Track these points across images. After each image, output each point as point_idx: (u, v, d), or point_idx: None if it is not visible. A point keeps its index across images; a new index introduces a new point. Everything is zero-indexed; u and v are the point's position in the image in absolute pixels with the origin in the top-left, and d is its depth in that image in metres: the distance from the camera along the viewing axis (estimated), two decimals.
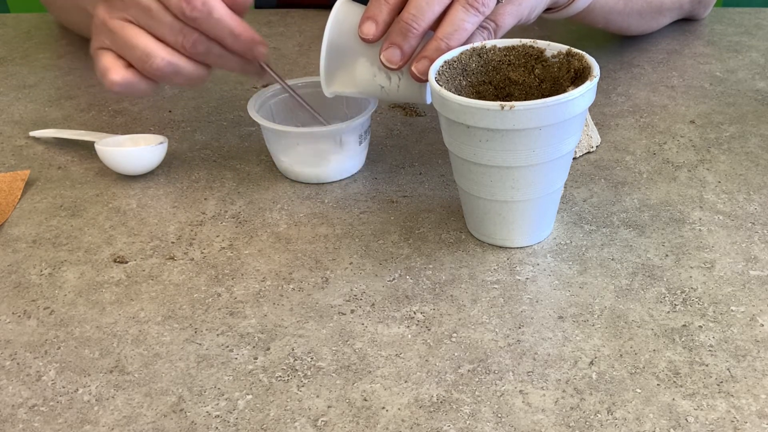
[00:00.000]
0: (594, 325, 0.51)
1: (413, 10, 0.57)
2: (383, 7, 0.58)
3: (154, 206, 0.65)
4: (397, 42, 0.58)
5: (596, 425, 0.44)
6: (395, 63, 0.59)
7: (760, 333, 0.50)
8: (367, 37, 0.59)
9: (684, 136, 0.71)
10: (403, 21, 0.57)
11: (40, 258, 0.59)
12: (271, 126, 0.64)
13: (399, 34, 0.58)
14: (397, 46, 0.58)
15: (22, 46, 0.97)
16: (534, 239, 0.58)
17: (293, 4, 1.06)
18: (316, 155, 0.65)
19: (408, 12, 0.57)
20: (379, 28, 0.59)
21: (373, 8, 0.59)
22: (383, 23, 0.59)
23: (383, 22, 0.59)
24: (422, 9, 0.57)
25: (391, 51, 0.58)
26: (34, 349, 0.51)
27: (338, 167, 0.66)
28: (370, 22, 0.59)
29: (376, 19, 0.58)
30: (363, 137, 0.66)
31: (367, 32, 0.59)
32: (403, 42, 0.58)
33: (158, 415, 0.46)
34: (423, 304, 0.53)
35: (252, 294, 0.55)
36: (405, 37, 0.58)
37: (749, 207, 0.61)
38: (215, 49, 0.61)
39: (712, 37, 0.91)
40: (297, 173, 0.66)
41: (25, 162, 0.72)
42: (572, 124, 0.53)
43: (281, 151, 0.66)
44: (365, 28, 0.59)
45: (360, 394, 0.47)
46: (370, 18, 0.59)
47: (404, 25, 0.57)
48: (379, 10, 0.58)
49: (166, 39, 0.60)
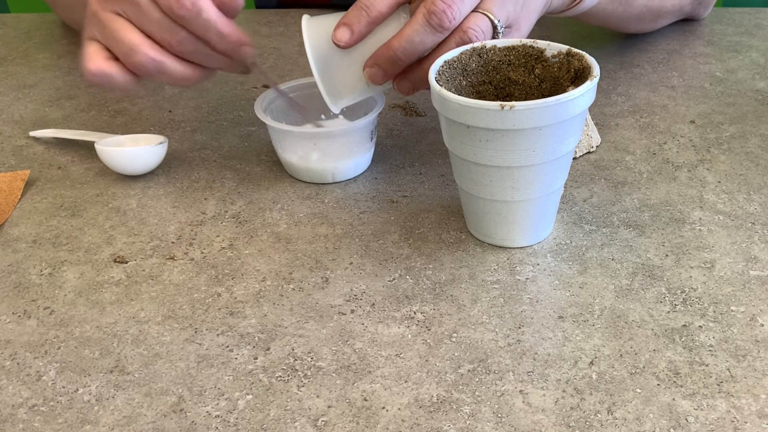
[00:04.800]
0: (594, 325, 0.51)
1: (405, 43, 0.58)
2: (362, 18, 0.59)
3: (154, 206, 0.65)
4: (383, 67, 0.59)
5: (596, 425, 0.44)
6: (377, 82, 0.60)
7: (760, 333, 0.50)
8: (339, 43, 0.59)
9: (684, 136, 0.71)
10: (392, 50, 0.58)
11: (40, 258, 0.59)
12: (292, 129, 0.64)
13: (387, 61, 0.59)
14: (382, 69, 0.60)
15: (22, 46, 0.97)
16: (534, 239, 0.58)
17: (293, 4, 1.06)
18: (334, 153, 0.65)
19: (399, 43, 0.58)
20: (353, 37, 0.59)
21: (351, 16, 0.59)
22: (358, 34, 0.59)
23: (359, 33, 0.59)
24: (413, 44, 0.58)
25: (375, 71, 0.60)
26: (34, 349, 0.51)
27: (354, 163, 0.66)
28: (346, 28, 0.59)
29: (352, 27, 0.59)
30: (374, 133, 0.67)
31: (340, 38, 0.59)
32: (389, 68, 0.59)
33: (158, 415, 0.46)
34: (423, 304, 0.53)
35: (252, 294, 0.55)
36: (392, 66, 0.59)
37: (749, 207, 0.61)
38: (202, 49, 0.61)
39: (712, 37, 0.91)
40: (312, 173, 0.66)
41: (25, 162, 0.72)
42: (572, 124, 0.53)
43: (294, 150, 0.65)
44: (339, 33, 0.59)
45: (360, 394, 0.47)
46: (346, 25, 0.59)
47: (392, 55, 0.58)
48: (358, 19, 0.59)
49: (153, 35, 0.60)
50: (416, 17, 0.58)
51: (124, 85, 0.62)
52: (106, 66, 0.61)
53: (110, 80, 0.62)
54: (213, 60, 0.63)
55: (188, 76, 0.62)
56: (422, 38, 0.58)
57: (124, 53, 0.60)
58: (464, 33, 0.58)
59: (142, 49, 0.60)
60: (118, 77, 0.61)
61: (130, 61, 0.60)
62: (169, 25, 0.60)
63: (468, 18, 0.58)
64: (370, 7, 0.58)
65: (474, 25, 0.58)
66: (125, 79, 0.62)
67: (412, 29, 0.58)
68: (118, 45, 0.60)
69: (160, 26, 0.60)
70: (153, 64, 0.60)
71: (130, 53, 0.60)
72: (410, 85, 0.61)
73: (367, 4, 0.58)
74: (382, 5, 0.58)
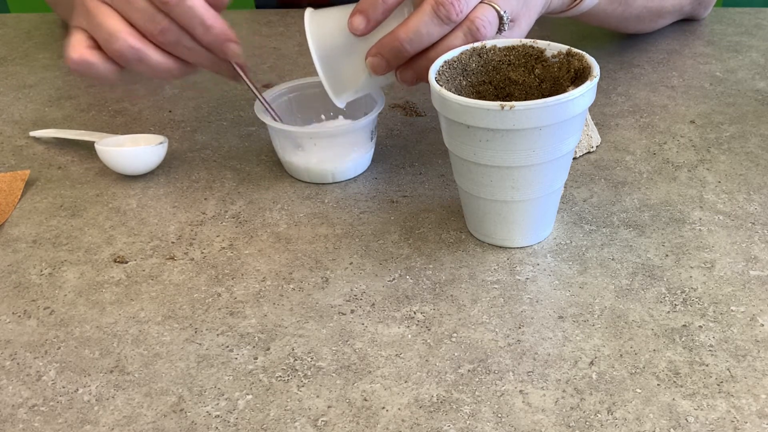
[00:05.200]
0: (594, 325, 0.51)
1: (411, 35, 0.57)
2: (378, 6, 0.58)
3: (154, 206, 0.65)
4: (387, 57, 0.59)
5: (596, 425, 0.44)
6: (379, 72, 0.60)
7: (760, 333, 0.50)
8: (356, 31, 0.59)
9: (684, 136, 0.71)
10: (398, 41, 0.58)
11: (40, 258, 0.59)
12: (292, 129, 0.64)
13: (392, 51, 0.58)
14: (385, 59, 0.59)
15: (22, 46, 0.97)
16: (534, 239, 0.58)
17: (293, 4, 1.06)
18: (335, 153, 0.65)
19: (406, 34, 0.57)
20: (369, 25, 0.59)
21: (366, 4, 0.58)
22: (375, 21, 0.59)
23: (375, 21, 0.59)
24: (420, 35, 0.57)
25: (378, 61, 0.59)
26: (34, 349, 0.51)
27: (354, 163, 0.66)
28: (361, 16, 0.58)
29: (368, 15, 0.58)
30: (374, 133, 0.67)
31: (357, 26, 0.59)
32: (393, 59, 0.59)
33: (158, 415, 0.46)
34: (423, 304, 0.53)
35: (252, 294, 0.55)
36: (396, 56, 0.59)
37: (749, 207, 0.61)
38: (186, 41, 0.61)
39: (712, 37, 0.91)
40: (312, 173, 0.66)
41: (25, 162, 0.72)
42: (572, 124, 0.53)
43: (295, 150, 0.65)
44: (356, 21, 0.59)
45: (360, 394, 0.47)
46: (362, 12, 0.58)
47: (398, 46, 0.58)
48: (374, 7, 0.58)
49: (137, 24, 0.60)
50: (423, 8, 0.57)
51: (105, 74, 0.62)
52: (88, 54, 0.61)
53: (92, 68, 0.61)
54: (196, 54, 0.62)
55: (168, 68, 0.62)
56: (429, 29, 0.57)
57: (105, 40, 0.60)
58: (471, 23, 0.58)
59: (122, 35, 0.59)
60: (100, 66, 0.61)
61: (110, 48, 0.60)
62: (153, 14, 0.59)
63: (475, 9, 0.58)
64: None
65: (481, 15, 0.58)
66: (106, 68, 0.61)
67: (419, 20, 0.57)
68: (99, 32, 0.60)
69: (143, 14, 0.59)
70: (132, 51, 0.60)
71: (110, 40, 0.60)
72: (414, 75, 0.60)
73: None
74: None
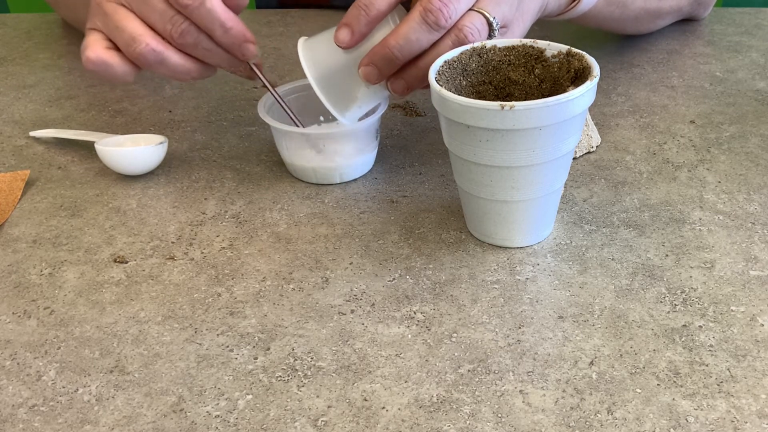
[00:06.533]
0: (594, 325, 0.51)
1: (401, 41, 0.58)
2: (362, 18, 0.59)
3: (154, 206, 0.65)
4: (379, 65, 0.59)
5: (596, 425, 0.44)
6: (372, 81, 0.60)
7: (760, 333, 0.50)
8: (341, 44, 0.59)
9: (684, 136, 0.71)
10: (388, 48, 0.58)
11: (40, 258, 0.59)
12: (300, 131, 0.64)
13: (383, 59, 0.59)
14: (377, 68, 0.59)
15: (22, 46, 0.97)
16: (534, 239, 0.58)
17: (293, 4, 1.06)
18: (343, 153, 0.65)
19: (396, 41, 0.58)
20: (354, 38, 0.59)
21: (350, 16, 0.59)
22: (359, 34, 0.59)
23: (359, 33, 0.59)
24: (410, 42, 0.58)
25: (370, 70, 0.59)
26: (34, 349, 0.51)
27: (361, 163, 0.66)
28: (346, 29, 0.59)
29: (353, 27, 0.59)
30: (378, 132, 0.67)
31: (342, 39, 0.59)
32: (385, 67, 0.59)
33: (158, 415, 0.46)
34: (423, 304, 0.53)
35: (252, 294, 0.55)
36: (387, 64, 0.59)
37: (749, 207, 0.61)
38: (204, 42, 0.61)
39: (712, 37, 0.91)
40: (319, 174, 0.66)
41: (25, 162, 0.72)
42: (572, 124, 0.53)
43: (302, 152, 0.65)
44: (341, 34, 0.59)
45: (360, 394, 0.47)
46: (347, 25, 0.59)
47: (388, 53, 0.58)
48: (357, 20, 0.59)
49: (156, 26, 0.60)
50: (412, 15, 0.57)
51: (122, 76, 0.62)
52: (106, 55, 0.61)
53: (109, 69, 0.61)
54: (214, 55, 0.62)
55: (188, 69, 0.62)
56: (418, 36, 0.57)
57: (126, 43, 0.60)
58: (459, 31, 0.58)
59: (144, 39, 0.60)
60: (118, 67, 0.61)
61: (131, 51, 0.60)
62: (172, 16, 0.59)
63: (464, 16, 0.58)
64: (369, 6, 0.58)
65: (469, 23, 0.58)
66: (124, 70, 0.62)
67: (409, 27, 0.57)
68: (119, 35, 0.60)
69: (162, 17, 0.59)
70: (153, 54, 0.60)
71: (131, 43, 0.60)
72: (404, 84, 0.60)
73: (366, 3, 0.58)
74: (381, 4, 0.58)
